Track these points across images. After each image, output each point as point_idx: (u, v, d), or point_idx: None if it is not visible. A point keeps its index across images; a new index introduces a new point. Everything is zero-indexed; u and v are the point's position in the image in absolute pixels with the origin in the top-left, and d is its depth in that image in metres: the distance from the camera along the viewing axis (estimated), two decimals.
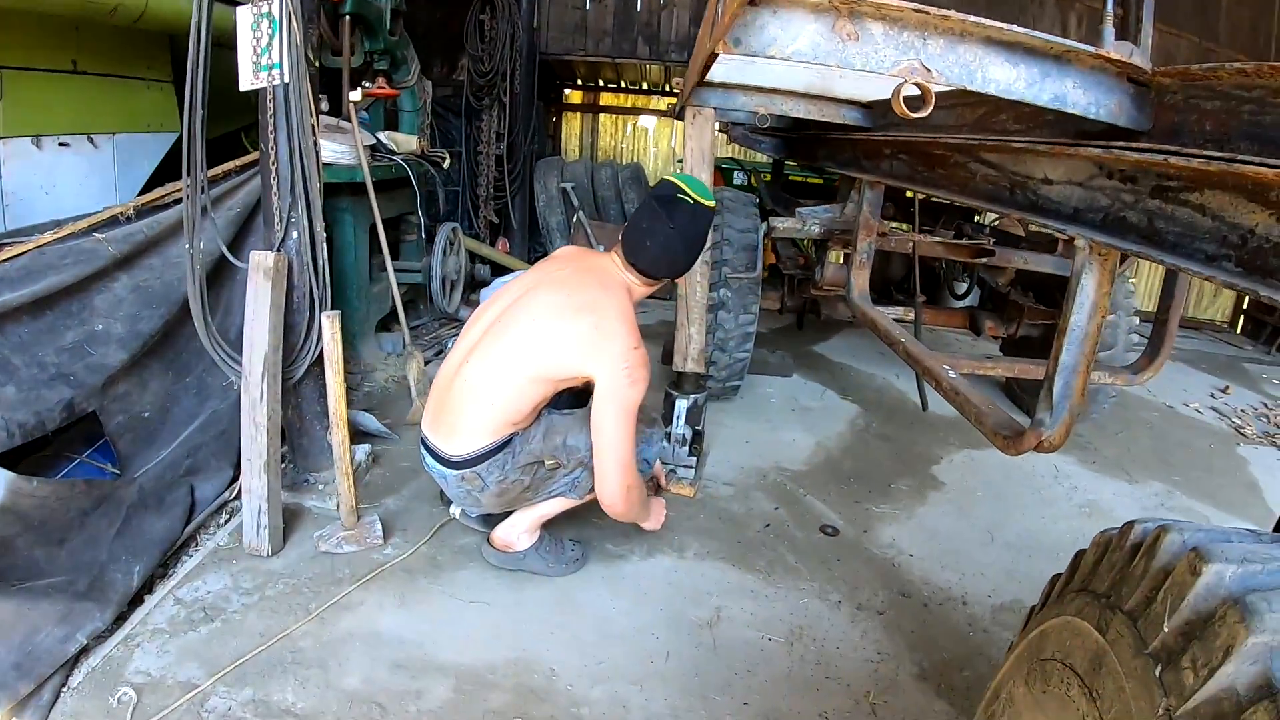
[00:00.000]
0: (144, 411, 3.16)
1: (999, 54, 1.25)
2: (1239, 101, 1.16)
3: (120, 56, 4.68)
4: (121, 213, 3.15)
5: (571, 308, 2.44)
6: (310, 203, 2.90)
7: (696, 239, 2.58)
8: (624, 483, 2.49)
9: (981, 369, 2.66)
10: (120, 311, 3.05)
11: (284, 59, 2.80)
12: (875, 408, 4.92)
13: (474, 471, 2.52)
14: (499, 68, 6.72)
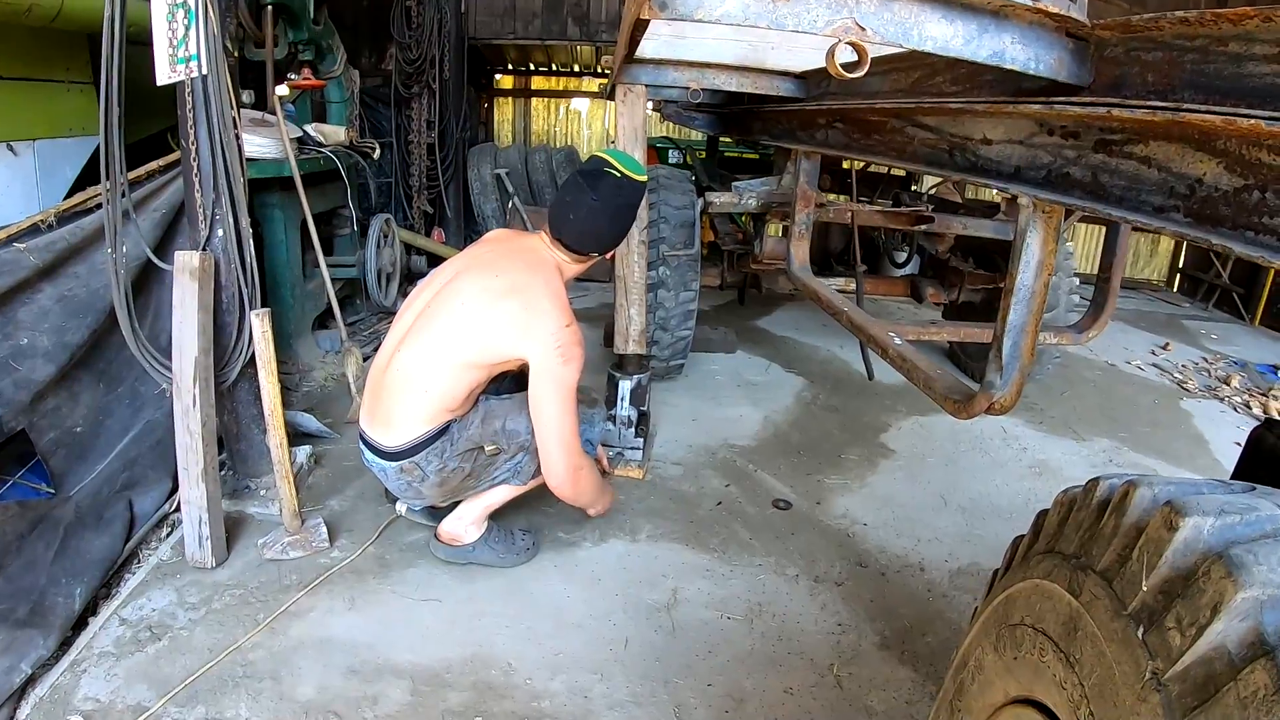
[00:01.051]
0: (76, 426, 3.04)
1: (935, 10, 1.22)
2: (1181, 51, 1.15)
3: (38, 58, 4.53)
4: (42, 221, 3.04)
5: (500, 290, 2.40)
6: (235, 199, 2.80)
7: (622, 212, 2.53)
8: (570, 463, 2.46)
9: (926, 334, 2.65)
10: (46, 323, 2.94)
11: (201, 50, 2.70)
12: (821, 380, 4.93)
13: (412, 462, 2.47)
14: (427, 54, 6.58)
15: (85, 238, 3.05)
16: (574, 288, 6.60)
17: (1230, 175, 1.06)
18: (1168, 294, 8.99)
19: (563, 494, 2.54)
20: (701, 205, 3.67)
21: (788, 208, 3.69)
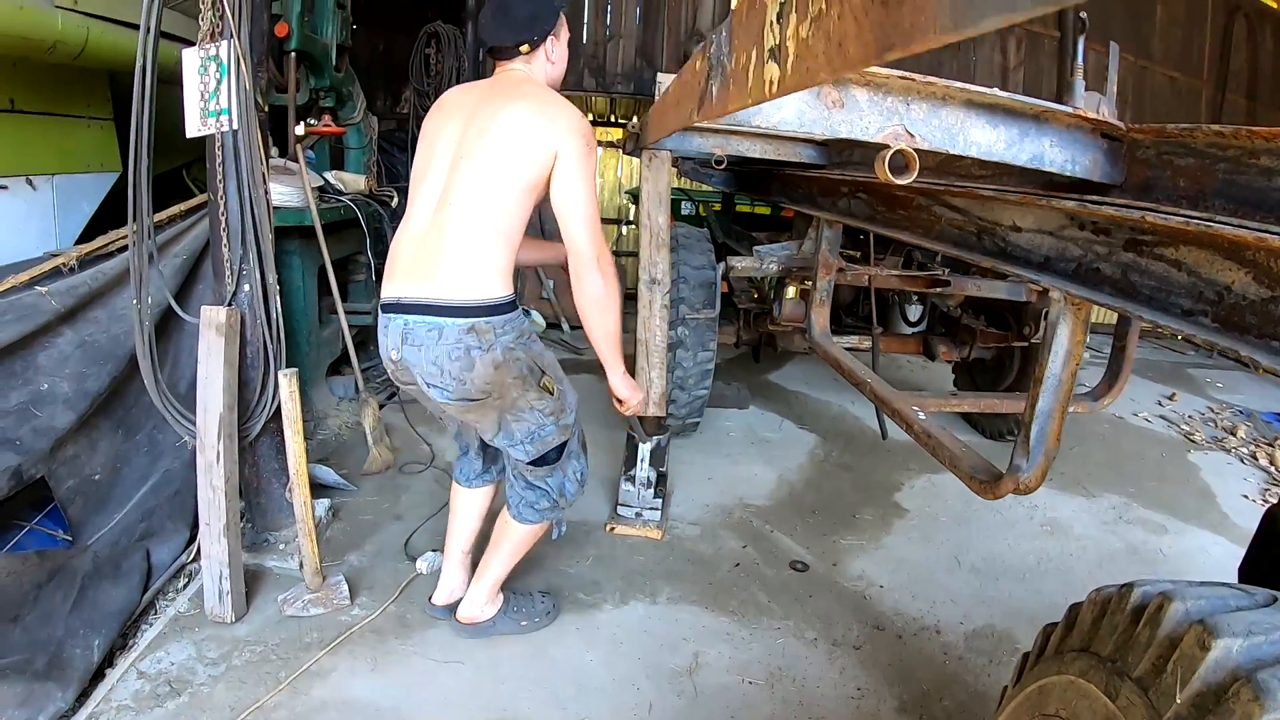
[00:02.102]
0: (94, 474, 3.05)
1: (980, 116, 1.26)
2: (1213, 160, 1.18)
3: (59, 94, 4.58)
4: (64, 264, 3.05)
5: (519, 105, 2.26)
6: (262, 254, 2.83)
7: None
8: (597, 243, 2.30)
9: (948, 406, 2.68)
10: (66, 369, 2.94)
11: (233, 105, 2.74)
12: (833, 436, 4.94)
13: (489, 323, 2.21)
14: None
15: (107, 282, 3.07)
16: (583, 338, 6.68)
17: (1258, 286, 1.08)
18: (1172, 341, 9.02)
19: (587, 284, 2.33)
20: (723, 269, 3.72)
21: (807, 272, 3.74)
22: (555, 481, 2.55)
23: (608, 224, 9.62)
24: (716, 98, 0.98)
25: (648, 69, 7.09)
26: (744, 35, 0.85)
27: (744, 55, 0.84)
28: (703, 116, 1.13)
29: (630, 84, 7.04)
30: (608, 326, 2.40)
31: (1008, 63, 7.87)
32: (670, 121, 1.82)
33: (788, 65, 0.68)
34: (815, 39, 0.61)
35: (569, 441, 2.53)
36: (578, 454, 2.59)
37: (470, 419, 2.41)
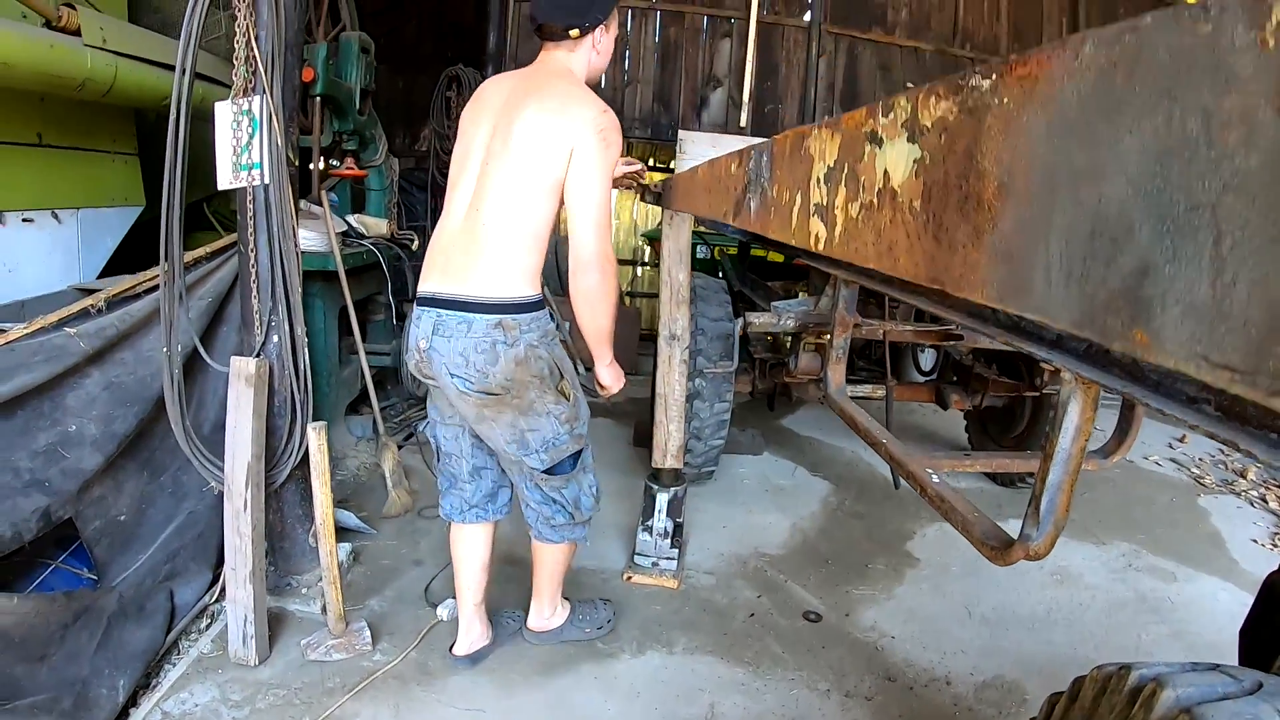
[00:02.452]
0: (120, 515, 3.09)
1: None
2: None
3: (86, 129, 4.65)
4: (92, 305, 3.09)
5: (537, 108, 2.36)
6: (291, 306, 2.91)
7: None
8: (602, 244, 2.38)
9: (961, 467, 2.72)
10: (94, 411, 2.98)
11: (265, 159, 2.81)
12: (846, 484, 4.98)
13: (515, 320, 2.35)
14: None
15: (134, 324, 3.10)
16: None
17: None
18: None
19: (587, 282, 2.41)
20: (741, 324, 3.78)
21: (824, 327, 3.79)
22: (570, 493, 2.63)
23: (623, 264, 9.71)
24: (755, 216, 1.05)
25: (665, 114, 7.21)
26: (785, 174, 0.92)
27: (787, 194, 0.91)
28: (739, 225, 1.20)
29: (648, 129, 7.16)
30: (599, 321, 2.48)
31: None
32: (700, 206, 1.88)
33: (835, 232, 0.74)
34: (865, 227, 0.67)
35: (583, 452, 2.62)
36: (591, 467, 2.70)
37: (487, 416, 2.45)
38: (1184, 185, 0.36)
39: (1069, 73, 0.42)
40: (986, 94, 0.49)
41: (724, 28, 7.29)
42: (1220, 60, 0.33)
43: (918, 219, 0.58)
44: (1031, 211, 0.46)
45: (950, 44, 7.71)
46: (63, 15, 3.87)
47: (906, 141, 0.59)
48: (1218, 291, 0.34)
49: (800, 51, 7.39)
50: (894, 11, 7.59)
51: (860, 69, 7.52)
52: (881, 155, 0.63)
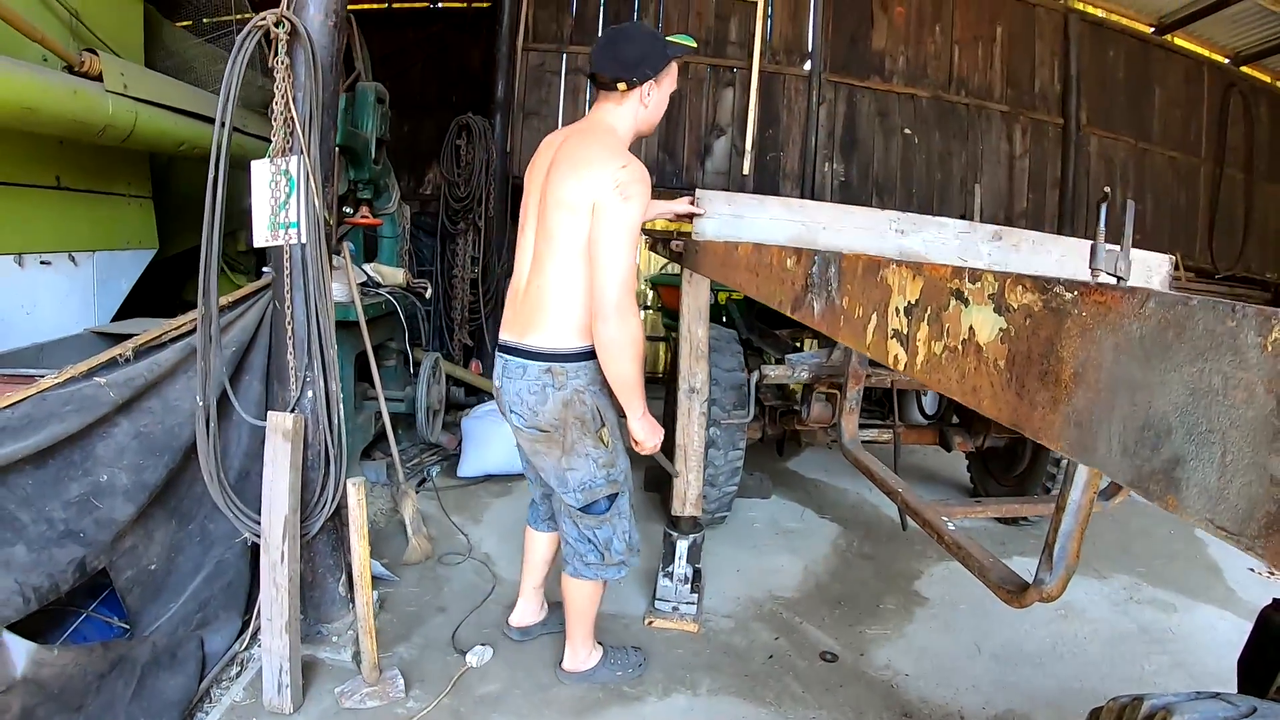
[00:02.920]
0: (150, 564, 3.14)
1: None
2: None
3: (102, 172, 4.72)
4: (121, 354, 3.11)
5: (571, 173, 2.57)
6: (326, 363, 2.99)
7: (642, 41, 2.69)
8: (621, 299, 2.50)
9: (973, 514, 2.84)
10: (124, 460, 3.02)
11: (302, 218, 2.88)
12: (853, 525, 5.08)
13: (564, 367, 2.61)
14: (475, 193, 6.94)
15: (162, 373, 3.13)
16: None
17: None
18: None
19: (602, 329, 2.52)
20: (757, 377, 3.90)
21: (835, 377, 3.93)
22: (603, 535, 2.84)
23: None
24: (822, 317, 1.16)
25: (670, 162, 7.37)
26: (858, 291, 1.03)
27: (860, 310, 1.02)
28: (800, 319, 1.32)
29: (654, 177, 7.28)
30: (622, 371, 2.59)
31: (1014, 150, 8.17)
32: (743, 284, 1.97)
33: (916, 360, 0.86)
34: (949, 365, 0.79)
35: (619, 498, 2.82)
36: (630, 516, 2.89)
37: (538, 450, 2.75)
38: (1206, 415, 0.54)
39: (1136, 315, 0.58)
40: (1068, 303, 0.62)
41: (727, 77, 7.48)
42: (1238, 347, 0.51)
43: (1002, 375, 0.70)
44: (1099, 399, 0.62)
45: (946, 90, 7.93)
46: (85, 61, 3.98)
47: (993, 311, 0.71)
48: (1221, 483, 0.53)
49: (801, 100, 7.58)
50: (891, 60, 7.80)
51: (859, 116, 7.72)
52: (967, 314, 0.75)
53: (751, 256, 1.80)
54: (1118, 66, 8.57)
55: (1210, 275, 9.28)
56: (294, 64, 2.86)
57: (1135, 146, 8.69)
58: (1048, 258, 3.43)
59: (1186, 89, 8.97)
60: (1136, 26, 8.85)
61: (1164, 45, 8.91)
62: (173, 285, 6.08)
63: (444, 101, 9.57)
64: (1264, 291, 9.79)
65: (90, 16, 4.52)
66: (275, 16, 2.78)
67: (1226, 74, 9.27)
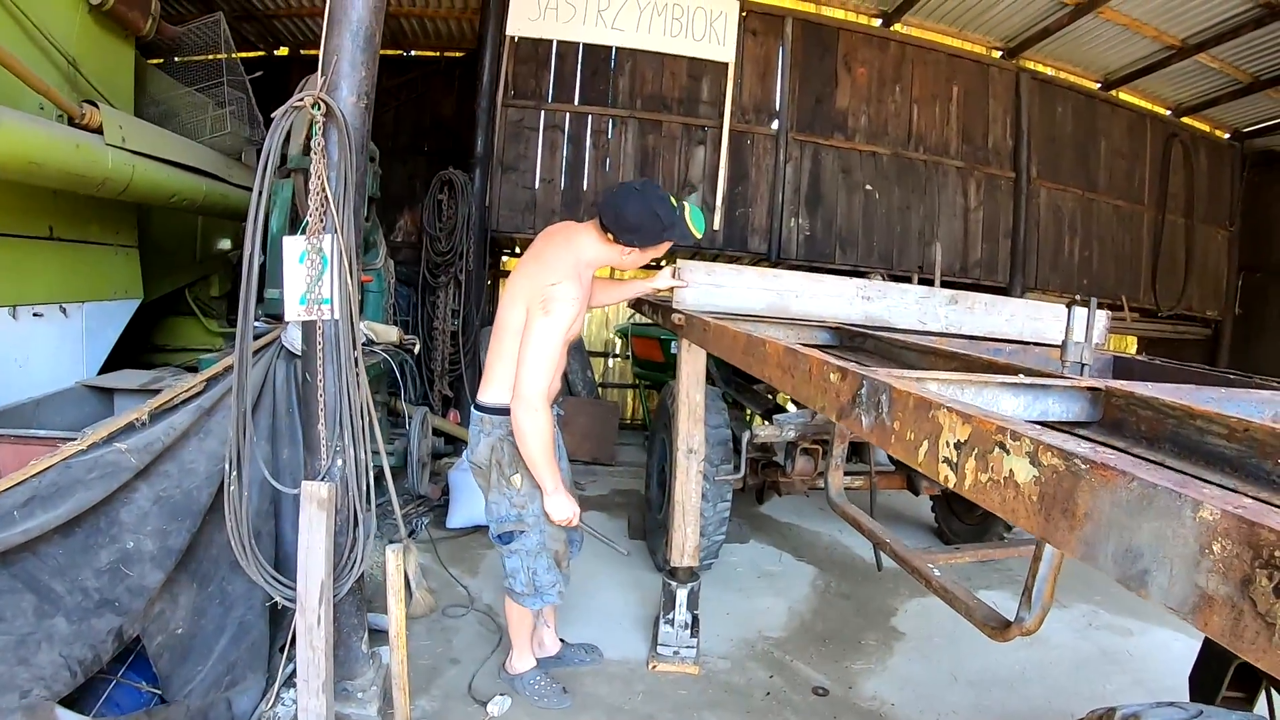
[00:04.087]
0: (178, 628, 3.22)
1: (1009, 391, 1.72)
2: (1165, 416, 1.62)
3: (94, 222, 4.75)
4: (137, 418, 3.18)
5: (526, 273, 3.11)
6: (355, 433, 3.16)
7: (649, 210, 3.03)
8: (527, 396, 2.92)
9: (955, 560, 3.11)
10: (148, 526, 3.08)
11: (335, 295, 3.00)
12: (830, 566, 5.37)
13: (491, 420, 3.13)
14: (457, 248, 7.15)
15: (176, 437, 3.18)
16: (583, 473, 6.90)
17: None
18: None
19: (516, 421, 2.96)
20: (748, 437, 4.16)
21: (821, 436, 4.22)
22: (510, 565, 3.28)
23: (595, 356, 10.10)
24: (872, 431, 1.42)
25: None
26: (910, 419, 1.29)
27: (912, 434, 1.28)
28: (847, 426, 1.57)
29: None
30: (530, 454, 3.01)
31: (969, 203, 8.57)
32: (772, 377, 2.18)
33: (965, 483, 1.13)
34: (990, 490, 1.06)
35: (523, 536, 3.21)
36: (539, 558, 3.24)
37: (479, 482, 3.32)
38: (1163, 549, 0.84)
39: (1125, 487, 0.87)
40: (1083, 470, 0.90)
41: (698, 135, 7.78)
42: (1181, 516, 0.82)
43: (1034, 506, 0.98)
44: (1100, 531, 0.90)
45: (905, 147, 8.32)
46: (85, 113, 4.04)
47: (1029, 464, 0.99)
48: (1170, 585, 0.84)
49: (769, 158, 7.91)
50: (854, 119, 8.17)
51: (823, 172, 8.07)
52: (1008, 460, 1.03)
53: (785, 358, 2.00)
54: (1066, 121, 9.05)
55: (1154, 314, 9.79)
56: (328, 144, 2.99)
57: (1082, 196, 9.16)
58: (998, 318, 3.74)
59: (1130, 140, 9.48)
60: (1084, 83, 9.35)
61: (1109, 100, 9.42)
62: (144, 329, 6.08)
63: (416, 148, 9.81)
64: (1204, 328, 10.33)
65: (87, 65, 4.58)
66: (312, 98, 2.95)
67: (1168, 125, 9.81)
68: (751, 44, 7.91)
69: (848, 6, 8.56)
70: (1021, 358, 3.33)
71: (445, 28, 9.60)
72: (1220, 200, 10.25)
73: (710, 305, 3.32)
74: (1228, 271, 10.45)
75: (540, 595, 3.29)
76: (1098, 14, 7.77)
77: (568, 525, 3.19)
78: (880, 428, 1.40)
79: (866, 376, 1.49)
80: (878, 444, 1.43)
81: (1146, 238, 9.64)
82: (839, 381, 1.61)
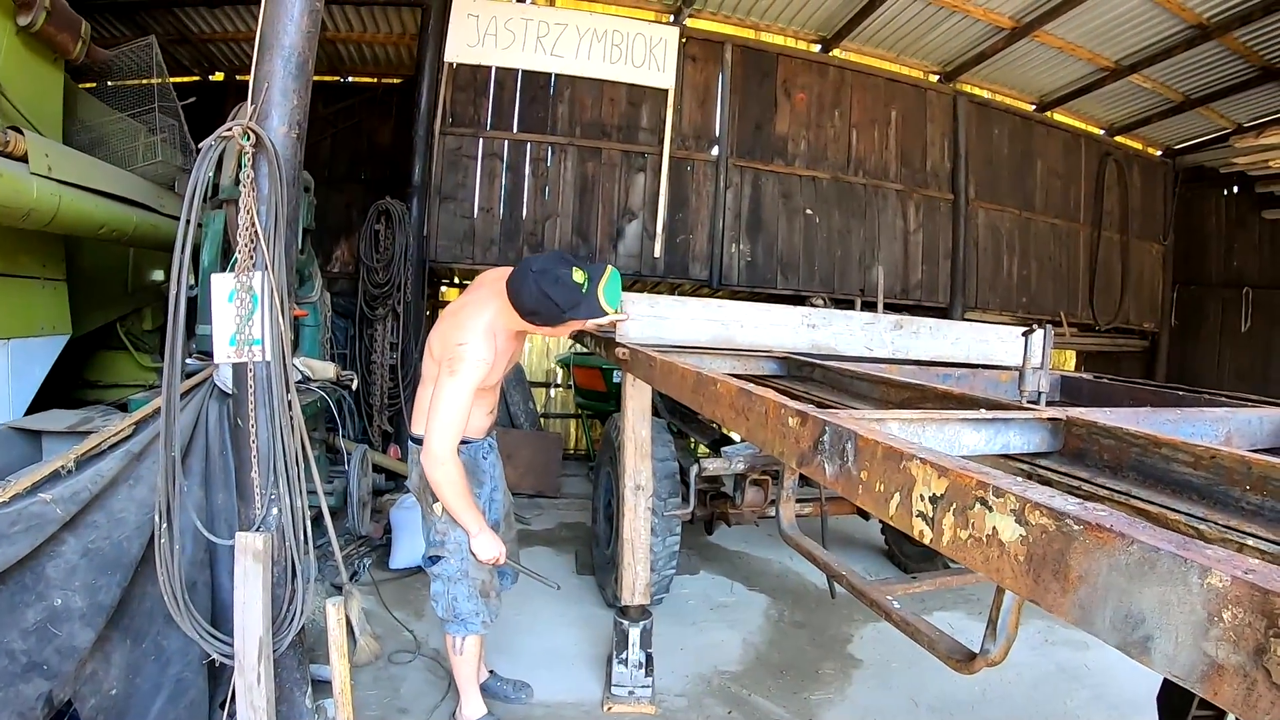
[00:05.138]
0: (111, 689, 3.05)
1: (971, 426, 1.68)
2: (1128, 445, 1.59)
3: (19, 254, 4.54)
4: (62, 466, 3.02)
5: (441, 325, 3.18)
6: (291, 479, 3.03)
7: (545, 295, 2.93)
8: (435, 445, 2.95)
9: (913, 590, 3.06)
10: (76, 581, 2.92)
11: (266, 335, 2.88)
12: (782, 595, 5.31)
13: (418, 450, 3.15)
14: (394, 279, 7.01)
15: (104, 484, 3.04)
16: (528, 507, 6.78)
17: None
18: None
19: (427, 470, 3.01)
20: (696, 471, 4.09)
21: (771, 468, 4.16)
22: (434, 588, 3.32)
23: (536, 387, 10.02)
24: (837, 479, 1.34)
25: (584, 245, 7.52)
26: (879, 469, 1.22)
27: (881, 485, 1.21)
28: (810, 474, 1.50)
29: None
30: (445, 500, 3.06)
31: (908, 226, 8.67)
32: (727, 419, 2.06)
33: (943, 540, 1.06)
34: (973, 548, 1.00)
35: (441, 562, 3.25)
36: (459, 586, 3.26)
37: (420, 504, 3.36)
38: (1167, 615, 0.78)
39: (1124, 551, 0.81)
40: (1076, 531, 0.84)
41: (638, 162, 7.76)
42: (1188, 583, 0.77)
43: (1021, 566, 0.92)
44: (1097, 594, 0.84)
45: (845, 171, 8.40)
46: (10, 140, 3.78)
47: (1014, 522, 0.93)
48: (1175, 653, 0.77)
49: (709, 184, 7.91)
50: (794, 144, 8.21)
51: (764, 198, 8.09)
52: (991, 517, 0.96)
53: (739, 399, 1.90)
54: (1002, 143, 9.24)
55: (1092, 329, 10.02)
56: (258, 176, 2.87)
57: (1020, 216, 9.35)
58: (944, 342, 3.73)
59: (1065, 160, 9.72)
60: (1019, 105, 9.55)
61: (1044, 122, 9.65)
62: (74, 365, 5.82)
63: (353, 177, 9.61)
64: (1141, 340, 10.59)
65: (12, 89, 4.36)
66: (241, 128, 2.84)
67: (1102, 144, 10.08)
68: (691, 70, 7.92)
69: (787, 33, 8.58)
70: (972, 383, 3.32)
71: (384, 53, 9.45)
72: (1154, 216, 10.56)
73: (654, 338, 3.25)
74: (1162, 285, 10.74)
75: (463, 623, 3.28)
76: (1033, 37, 7.91)
77: (494, 564, 3.19)
78: (846, 477, 1.33)
79: (830, 423, 1.42)
80: (844, 493, 1.35)
81: (1083, 255, 9.88)
82: (798, 426, 1.54)
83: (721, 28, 8.26)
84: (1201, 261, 10.57)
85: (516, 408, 8.42)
